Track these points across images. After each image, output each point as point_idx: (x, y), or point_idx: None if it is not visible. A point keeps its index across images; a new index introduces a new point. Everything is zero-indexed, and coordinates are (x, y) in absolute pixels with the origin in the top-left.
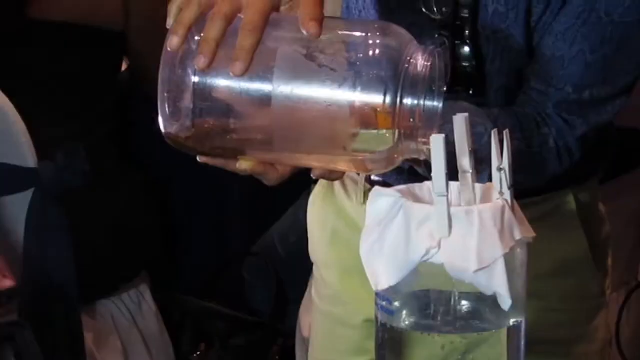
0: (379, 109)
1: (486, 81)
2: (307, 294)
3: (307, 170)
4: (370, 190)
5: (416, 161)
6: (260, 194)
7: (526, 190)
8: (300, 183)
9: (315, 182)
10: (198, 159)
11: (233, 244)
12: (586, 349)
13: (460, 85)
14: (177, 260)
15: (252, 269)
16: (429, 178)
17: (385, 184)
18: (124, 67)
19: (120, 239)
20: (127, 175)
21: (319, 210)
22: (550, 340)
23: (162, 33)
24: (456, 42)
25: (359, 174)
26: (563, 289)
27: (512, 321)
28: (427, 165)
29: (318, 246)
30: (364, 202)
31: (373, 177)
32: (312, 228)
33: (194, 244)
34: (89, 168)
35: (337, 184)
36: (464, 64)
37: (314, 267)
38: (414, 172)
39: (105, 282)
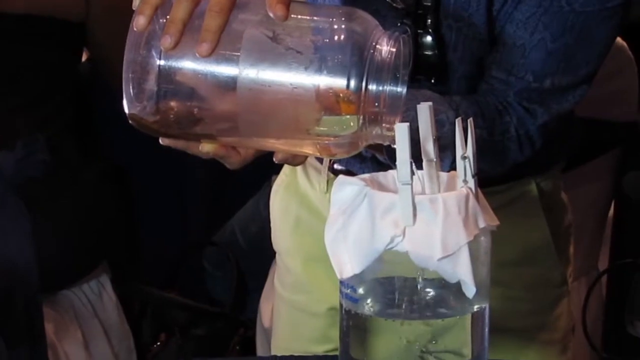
0: (343, 94)
1: (448, 70)
2: (267, 284)
3: (270, 158)
4: (333, 179)
5: (378, 149)
6: (221, 185)
7: (488, 179)
8: (261, 174)
9: (277, 172)
10: (160, 141)
11: (193, 235)
12: (548, 337)
13: (423, 73)
14: (138, 251)
15: (212, 259)
16: (391, 166)
17: (348, 172)
18: (84, 58)
19: (80, 230)
20: (87, 165)
21: (282, 199)
22: (512, 329)
23: (122, 24)
24: (418, 31)
25: (321, 163)
26: (526, 277)
27: (476, 307)
28: (389, 153)
29: (281, 235)
30: (327, 190)
31: (336, 166)
32: (275, 217)
33: (155, 235)
34: (49, 158)
35: (300, 173)
36: (426, 53)
37: (277, 256)
38: (376, 159)
39: (66, 273)
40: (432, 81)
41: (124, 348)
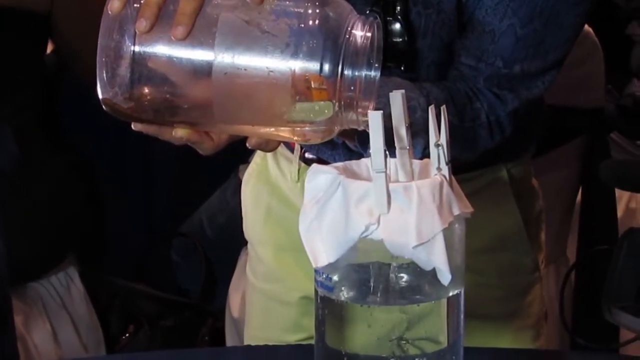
0: (319, 78)
1: (417, 57)
2: (236, 274)
3: (237, 148)
4: (304, 168)
5: (349, 136)
6: (187, 175)
7: (459, 166)
8: (228, 163)
9: (244, 162)
10: (132, 126)
11: (161, 226)
12: (522, 323)
13: (392, 61)
14: (105, 242)
15: (180, 250)
16: (362, 153)
17: (319, 160)
18: (49, 49)
19: (48, 222)
20: (55, 157)
21: (253, 188)
22: (485, 315)
23: (88, 15)
24: (387, 18)
25: (292, 152)
26: (498, 264)
27: (451, 293)
28: (360, 140)
29: (252, 224)
30: (298, 179)
31: (307, 155)
32: (247, 206)
33: (122, 226)
34: (16, 150)
35: (271, 161)
36: (396, 40)
37: (249, 245)
38: (347, 147)
39: (34, 265)
40: (402, 68)
41: (92, 340)
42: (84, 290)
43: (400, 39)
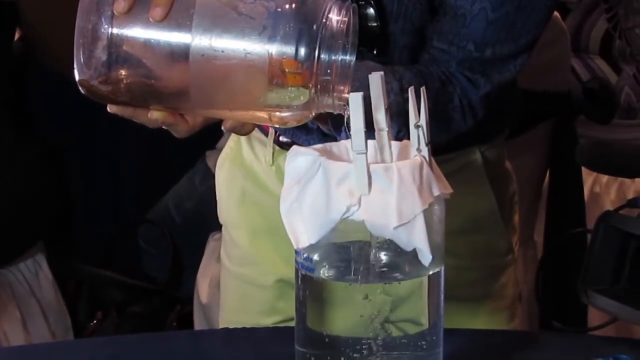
0: (296, 62)
1: (390, 41)
2: (204, 260)
3: (204, 134)
4: (279, 151)
5: (322, 120)
6: (154, 162)
7: (433, 149)
8: (196, 149)
9: (211, 148)
10: (108, 108)
11: (128, 212)
12: (496, 305)
13: (365, 45)
14: (73, 229)
15: (147, 236)
16: (336, 137)
17: (293, 144)
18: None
19: (17, 208)
20: (23, 144)
21: (228, 172)
22: (459, 297)
23: (55, 3)
24: (360, 2)
25: (266, 136)
26: (472, 246)
27: (431, 271)
28: (334, 124)
29: (227, 207)
30: (273, 163)
31: (281, 138)
32: (221, 189)
33: (89, 213)
34: None
35: (244, 145)
36: (368, 24)
37: (223, 229)
38: (322, 131)
39: (3, 252)
40: (374, 52)
41: (60, 327)
42: (52, 277)
43: (374, 24)
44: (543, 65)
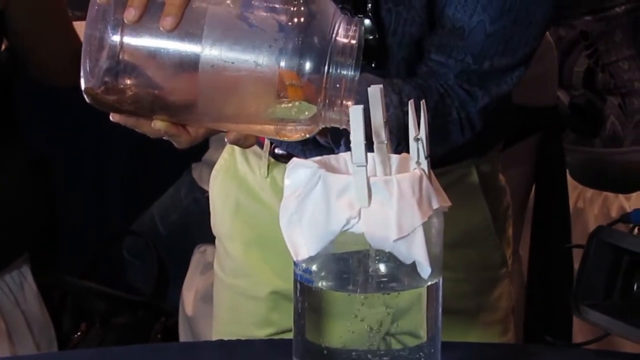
0: (304, 76)
1: (388, 53)
2: (189, 272)
3: (192, 147)
4: (274, 163)
5: (321, 132)
6: (140, 173)
7: (430, 162)
8: (181, 161)
9: (197, 160)
10: (111, 117)
11: (113, 224)
12: (490, 318)
13: (363, 58)
14: (57, 240)
15: (132, 248)
16: (332, 148)
17: (289, 156)
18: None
19: (4, 219)
20: (9, 155)
21: (222, 183)
22: (453, 310)
23: (42, 14)
24: (358, 15)
25: (261, 148)
26: (467, 259)
27: (429, 282)
28: (333, 136)
29: (221, 219)
30: (268, 175)
31: (277, 150)
32: (215, 201)
33: (74, 224)
34: None
35: (239, 157)
36: (366, 37)
37: (217, 240)
38: (317, 143)
39: None
40: (373, 65)
41: (45, 338)
42: (36, 288)
43: (371, 36)
44: (530, 79)
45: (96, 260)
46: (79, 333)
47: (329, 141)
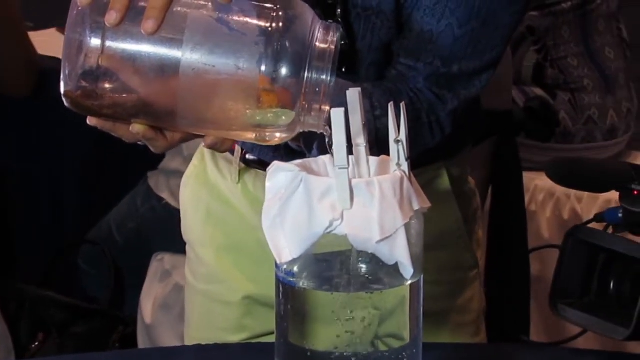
0: (284, 81)
1: (357, 58)
2: (147, 280)
3: (147, 155)
4: (244, 169)
5: (294, 137)
6: (96, 182)
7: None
8: (138, 170)
9: (153, 169)
10: (88, 120)
11: (69, 233)
12: (461, 319)
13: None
14: (13, 249)
15: (88, 257)
16: (304, 153)
17: (260, 161)
18: None
19: None
20: None
21: (192, 190)
22: (425, 312)
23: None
24: (328, 20)
25: (232, 154)
26: (438, 261)
27: (410, 280)
28: (305, 140)
29: (192, 225)
30: (239, 181)
31: (248, 156)
32: (186, 207)
33: (30, 233)
34: None
35: (209, 163)
36: None
37: (187, 247)
38: (289, 148)
39: None
40: (343, 70)
41: (2, 348)
42: None
43: (342, 42)
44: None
45: (52, 270)
46: (36, 343)
47: (301, 145)
